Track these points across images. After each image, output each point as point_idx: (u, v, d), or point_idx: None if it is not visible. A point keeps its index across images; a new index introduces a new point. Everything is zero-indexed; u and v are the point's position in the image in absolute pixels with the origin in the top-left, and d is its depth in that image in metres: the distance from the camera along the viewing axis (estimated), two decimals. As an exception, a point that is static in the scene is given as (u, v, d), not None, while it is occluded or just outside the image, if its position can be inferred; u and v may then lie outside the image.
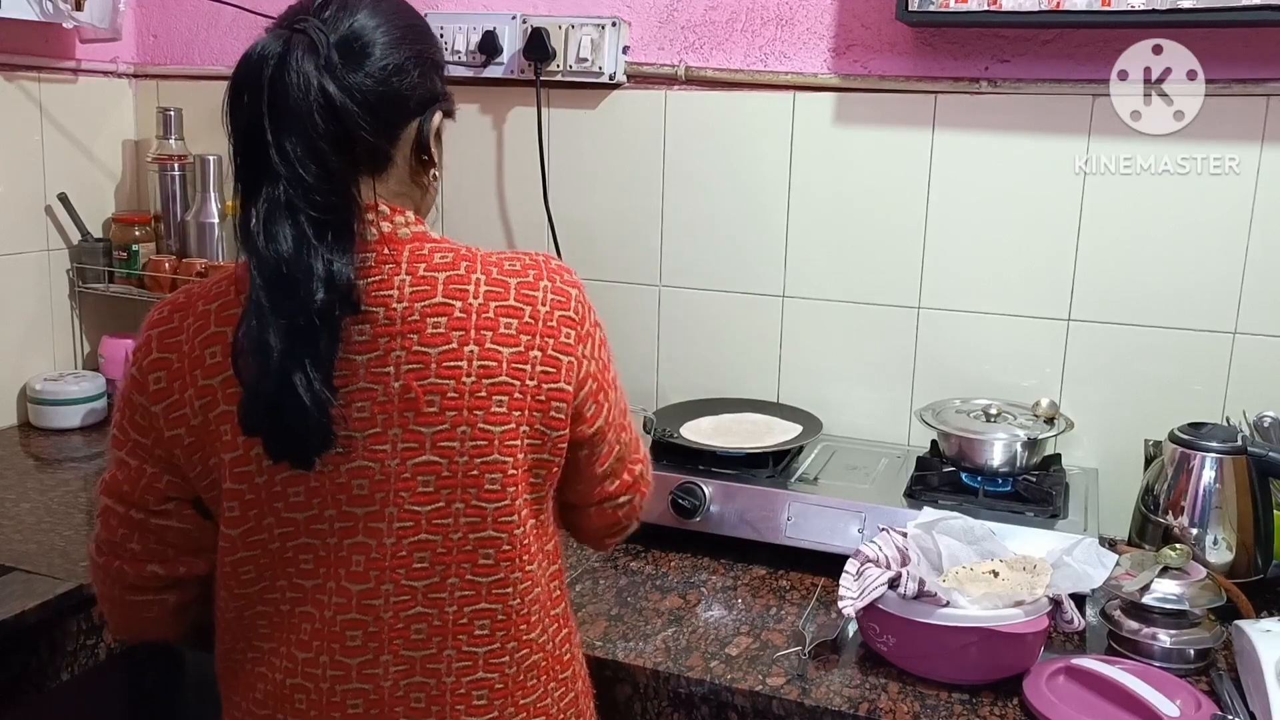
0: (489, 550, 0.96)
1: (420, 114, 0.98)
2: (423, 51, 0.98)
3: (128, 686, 1.63)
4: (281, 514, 0.94)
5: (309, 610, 0.96)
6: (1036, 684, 1.16)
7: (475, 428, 0.93)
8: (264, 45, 0.89)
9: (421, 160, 1.00)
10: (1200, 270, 1.55)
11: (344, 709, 0.96)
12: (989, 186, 1.64)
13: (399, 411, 0.92)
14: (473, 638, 0.97)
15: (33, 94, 1.96)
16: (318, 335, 0.88)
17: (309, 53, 0.88)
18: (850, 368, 1.76)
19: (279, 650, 0.98)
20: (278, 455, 0.91)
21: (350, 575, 0.94)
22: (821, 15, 1.70)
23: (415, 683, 0.96)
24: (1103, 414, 1.62)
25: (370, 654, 0.95)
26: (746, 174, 1.77)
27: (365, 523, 0.94)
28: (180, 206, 2.06)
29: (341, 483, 0.93)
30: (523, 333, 0.95)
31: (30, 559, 1.40)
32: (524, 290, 0.96)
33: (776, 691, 1.16)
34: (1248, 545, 1.38)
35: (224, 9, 2.02)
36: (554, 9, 1.83)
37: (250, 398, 0.90)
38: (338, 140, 0.89)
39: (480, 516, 0.95)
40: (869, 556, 1.24)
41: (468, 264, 0.96)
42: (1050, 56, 1.59)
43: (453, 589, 0.95)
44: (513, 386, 0.94)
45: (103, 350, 2.07)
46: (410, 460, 0.93)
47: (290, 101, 0.87)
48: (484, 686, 0.98)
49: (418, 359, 0.92)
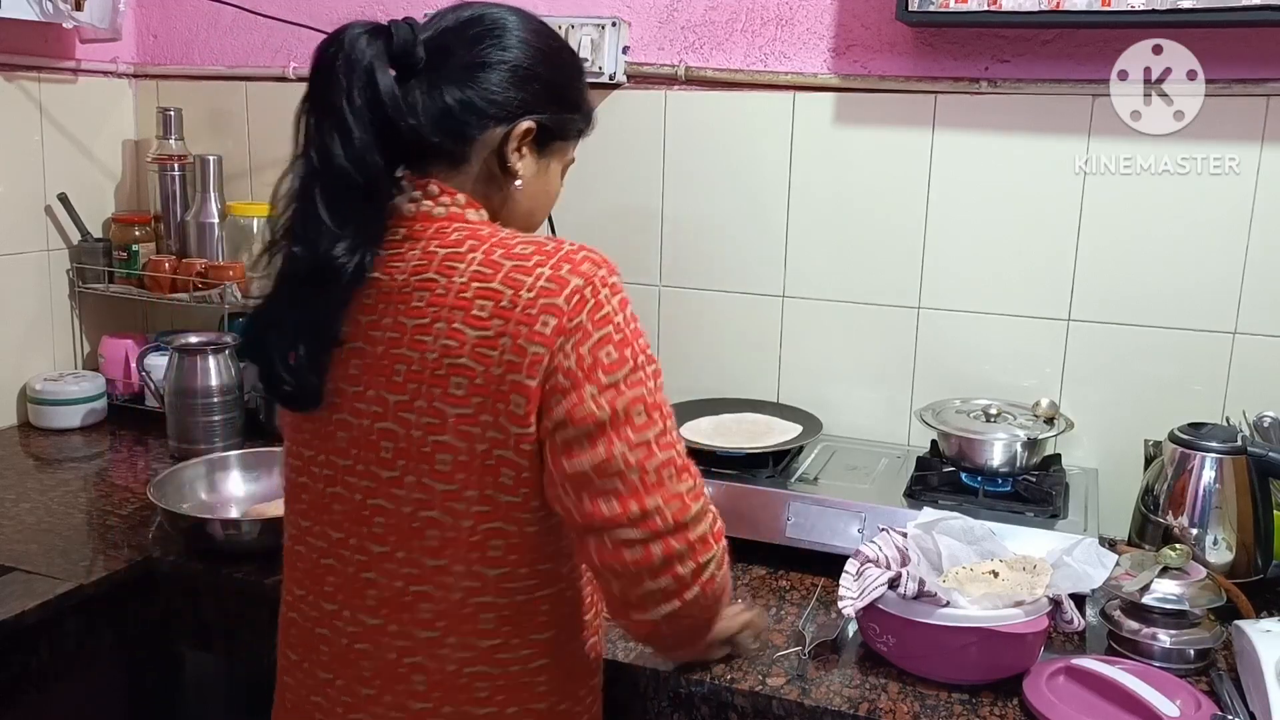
0: (434, 532, 0.96)
1: (502, 122, 1.00)
2: (532, 69, 1.01)
3: (128, 686, 1.64)
4: (298, 445, 1.03)
5: (300, 550, 1.04)
6: (1036, 684, 1.16)
7: (431, 404, 0.94)
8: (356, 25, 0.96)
9: (504, 168, 1.02)
10: (1200, 270, 1.55)
11: (317, 651, 1.02)
12: (989, 186, 1.64)
13: (375, 375, 0.96)
14: (416, 618, 0.97)
15: (33, 94, 1.96)
16: (303, 295, 0.96)
17: (375, 37, 0.95)
18: (850, 368, 1.76)
19: (285, 583, 1.07)
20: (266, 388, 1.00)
21: (331, 522, 1.00)
22: (821, 15, 1.70)
23: (364, 650, 0.99)
24: (1103, 414, 1.62)
25: (337, 604, 1.01)
26: (746, 174, 1.77)
27: (343, 475, 0.99)
28: (180, 206, 2.06)
29: (330, 430, 0.99)
30: (496, 317, 0.91)
31: (30, 559, 1.40)
32: (514, 274, 0.93)
33: (776, 691, 1.16)
34: (1248, 545, 1.38)
35: (224, 9, 2.02)
36: (554, 9, 1.83)
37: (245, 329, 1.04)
38: (372, 122, 0.94)
39: (428, 495, 0.95)
40: (869, 556, 1.24)
41: (473, 243, 0.96)
42: (1050, 56, 1.59)
43: (400, 563, 0.97)
44: (474, 371, 0.92)
45: (102, 350, 2.07)
46: (376, 424, 0.96)
47: (337, 74, 0.94)
48: (422, 672, 0.98)
49: (397, 328, 0.95)
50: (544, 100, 1.02)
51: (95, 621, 1.38)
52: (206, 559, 1.41)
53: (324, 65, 0.96)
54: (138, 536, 1.49)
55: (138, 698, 1.65)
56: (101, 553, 1.44)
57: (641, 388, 0.93)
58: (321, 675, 1.03)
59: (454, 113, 0.98)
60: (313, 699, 1.03)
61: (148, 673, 1.65)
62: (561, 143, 1.07)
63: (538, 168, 1.05)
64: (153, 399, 1.96)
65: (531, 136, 1.02)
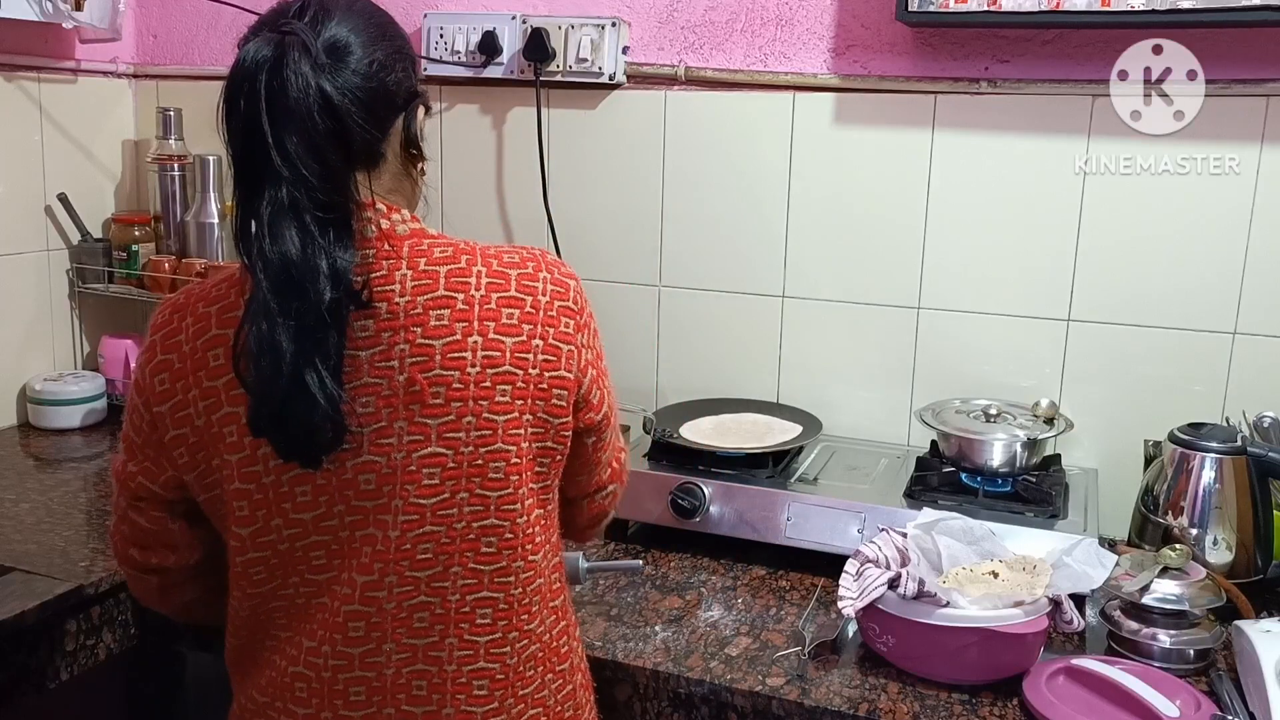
0: (491, 539, 0.97)
1: (405, 108, 0.99)
2: (401, 48, 0.99)
3: (128, 687, 1.63)
4: (290, 514, 0.95)
5: (324, 601, 0.97)
6: (1036, 684, 1.16)
7: (480, 417, 0.94)
8: (256, 49, 0.89)
9: (410, 154, 1.01)
10: (1200, 270, 1.55)
11: (345, 697, 0.97)
12: (989, 186, 1.64)
13: (404, 405, 0.93)
14: (474, 626, 0.97)
15: (32, 94, 1.96)
16: (327, 333, 0.89)
17: (304, 53, 0.89)
18: (850, 368, 1.76)
19: (294, 639, 0.99)
20: (288, 455, 0.92)
21: (359, 567, 0.95)
22: (821, 15, 1.70)
23: (417, 670, 0.97)
24: (1102, 414, 1.62)
25: (373, 643, 0.96)
26: (746, 174, 1.77)
27: (374, 515, 0.94)
28: (180, 206, 2.06)
29: (348, 478, 0.94)
30: (525, 322, 0.97)
31: (30, 559, 1.40)
32: (524, 281, 0.98)
33: (776, 692, 1.16)
34: (1247, 545, 1.38)
35: (224, 9, 2.02)
36: (554, 9, 1.83)
37: (259, 400, 0.90)
38: (336, 137, 0.90)
39: (484, 505, 0.96)
40: (869, 557, 1.24)
41: (468, 257, 0.98)
42: (1050, 57, 1.59)
43: (455, 577, 0.96)
44: (516, 375, 0.96)
45: (102, 350, 2.07)
46: (415, 453, 0.93)
47: (290, 102, 0.88)
48: (484, 676, 0.99)
49: (422, 351, 0.93)
50: (414, 75, 1.01)
51: (95, 622, 1.38)
52: (206, 559, 1.41)
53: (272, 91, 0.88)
54: (137, 537, 1.49)
55: (138, 698, 1.64)
56: (101, 553, 1.44)
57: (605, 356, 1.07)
58: (355, 715, 0.97)
59: (372, 108, 0.93)
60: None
61: (148, 673, 1.64)
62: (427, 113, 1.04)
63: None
64: (153, 399, 1.96)
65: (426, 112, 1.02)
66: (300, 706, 0.98)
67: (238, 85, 0.90)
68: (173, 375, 0.96)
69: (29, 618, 1.27)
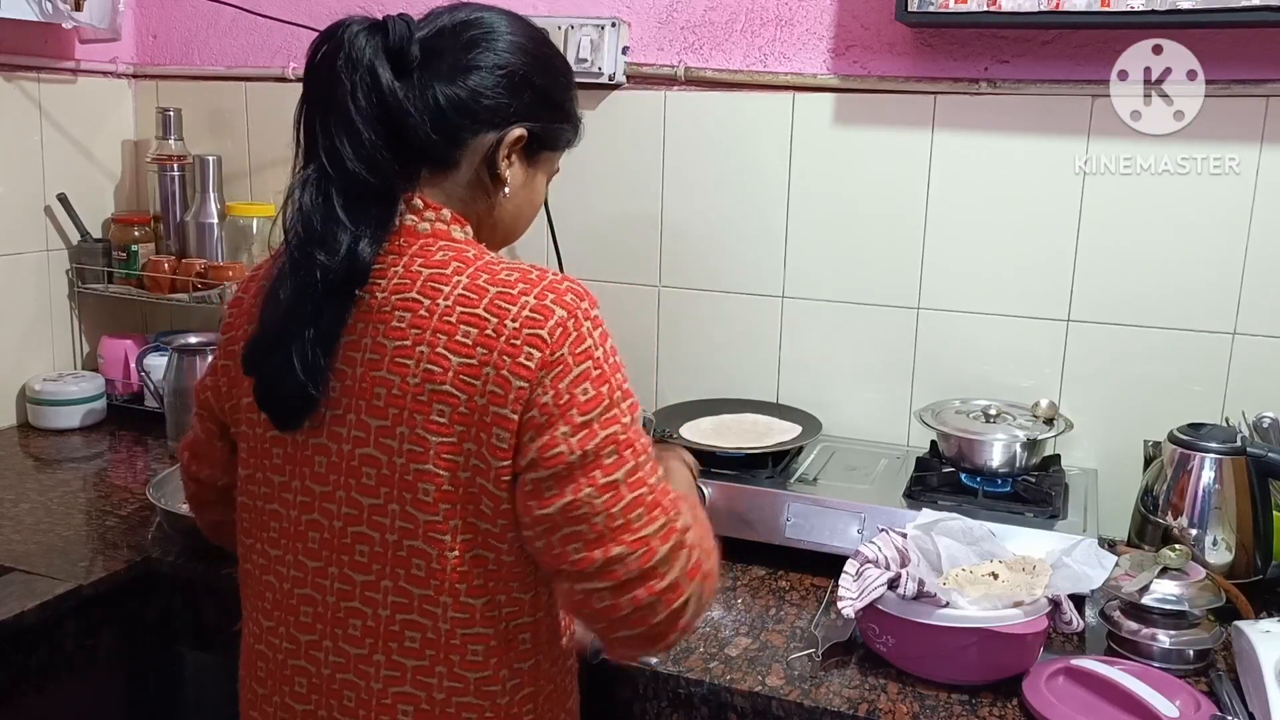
0: (419, 562, 0.93)
1: (494, 128, 0.99)
2: (526, 76, 0.99)
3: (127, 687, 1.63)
4: (266, 472, 1.00)
5: (270, 580, 1.01)
6: (1036, 685, 1.16)
7: (413, 431, 0.91)
8: (362, 22, 0.94)
9: (493, 175, 1.00)
10: (1200, 270, 1.55)
11: (292, 684, 1.00)
12: (989, 187, 1.64)
13: (356, 399, 0.94)
14: (403, 647, 0.95)
15: (32, 94, 1.96)
16: (325, 305, 0.92)
17: (373, 34, 0.93)
18: (850, 368, 1.76)
19: (251, 615, 1.04)
20: (261, 405, 0.96)
21: (307, 551, 0.97)
22: (821, 16, 1.70)
23: (348, 680, 0.97)
24: (1102, 414, 1.62)
25: (316, 634, 0.98)
26: (746, 174, 1.77)
27: (320, 501, 0.96)
28: (179, 207, 2.06)
29: (308, 455, 0.96)
30: (480, 345, 0.89)
31: (30, 559, 1.40)
32: (499, 301, 0.91)
33: (776, 692, 1.16)
34: (1247, 546, 1.38)
35: (224, 9, 2.02)
36: (554, 9, 1.83)
37: (250, 343, 0.97)
38: (383, 124, 0.93)
39: (413, 525, 0.92)
40: (868, 557, 1.24)
41: (458, 265, 0.94)
42: (1050, 57, 1.59)
43: (386, 591, 0.94)
44: (457, 399, 0.89)
45: (102, 350, 2.07)
46: (358, 450, 0.94)
47: (349, 75, 0.92)
48: (410, 702, 0.95)
49: (378, 350, 0.93)
50: (535, 108, 1.01)
51: (94, 622, 1.38)
52: (206, 559, 1.41)
53: (323, 63, 0.93)
54: (137, 537, 1.49)
55: (137, 698, 1.64)
56: (101, 553, 1.44)
57: (615, 425, 0.91)
58: (299, 708, 0.99)
59: (447, 113, 0.95)
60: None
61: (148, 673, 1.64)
62: (550, 153, 1.07)
63: (525, 177, 1.04)
64: (152, 399, 1.96)
65: (522, 144, 1.01)
66: (260, 686, 1.03)
67: (319, 44, 0.95)
68: (236, 310, 1.05)
69: (29, 618, 1.27)
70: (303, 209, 0.93)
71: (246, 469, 1.02)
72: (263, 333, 0.95)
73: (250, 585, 1.04)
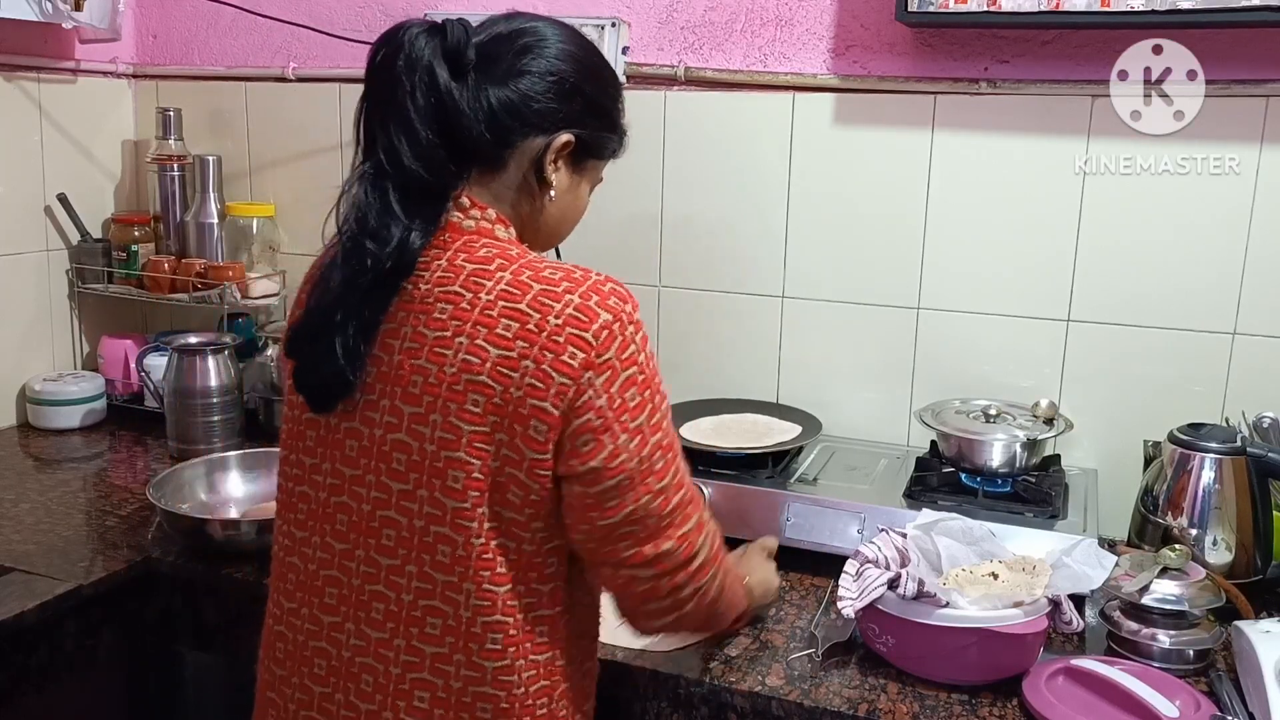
0: (445, 549, 0.94)
1: (543, 132, 1.01)
2: (576, 84, 1.02)
3: (127, 687, 1.63)
4: (299, 454, 1.02)
5: (294, 561, 1.03)
6: (1036, 684, 1.16)
7: (447, 419, 0.93)
8: (422, 24, 0.97)
9: (540, 179, 1.02)
10: (1200, 270, 1.55)
11: (311, 665, 1.01)
12: (989, 187, 1.64)
13: (391, 385, 0.95)
14: (423, 634, 0.96)
15: (32, 94, 1.96)
16: (371, 295, 0.95)
17: (432, 36, 0.96)
18: (850, 368, 1.76)
19: (273, 597, 1.06)
20: (298, 387, 0.99)
21: (335, 533, 0.99)
22: (821, 16, 1.70)
23: (367, 664, 0.98)
24: (1102, 414, 1.62)
25: (340, 616, 0.99)
26: (746, 174, 1.77)
27: (350, 484, 0.98)
28: (179, 207, 2.06)
29: (339, 438, 0.98)
30: (520, 339, 0.91)
31: (30, 559, 1.40)
32: (542, 298, 0.93)
33: (776, 692, 1.16)
34: (1247, 546, 1.38)
35: (224, 9, 2.02)
36: (553, 9, 1.82)
37: (294, 326, 1.00)
38: (439, 122, 0.96)
39: (441, 511, 0.94)
40: (868, 557, 1.24)
41: (501, 261, 0.96)
42: (1050, 57, 1.59)
43: (411, 576, 0.96)
44: (493, 390, 0.91)
45: (102, 350, 2.07)
46: (390, 435, 0.95)
47: (398, 73, 0.95)
48: (427, 689, 0.96)
49: (417, 339, 0.95)
50: (584, 116, 1.03)
51: (94, 622, 1.38)
52: (206, 559, 1.41)
53: (383, 64, 0.96)
54: (137, 537, 1.49)
55: (138, 698, 1.64)
56: (101, 553, 1.44)
57: (660, 431, 0.96)
58: (317, 690, 1.00)
59: (498, 115, 0.98)
60: (304, 713, 1.01)
61: (148, 673, 1.65)
62: (596, 160, 1.08)
63: (570, 183, 1.06)
64: (152, 399, 1.96)
65: (569, 150, 1.03)
66: (278, 667, 1.04)
67: (379, 46, 0.97)
68: (296, 300, 1.07)
69: (29, 618, 1.27)
70: (358, 203, 0.96)
71: (284, 450, 1.05)
72: (308, 318, 0.98)
73: (275, 567, 1.06)
